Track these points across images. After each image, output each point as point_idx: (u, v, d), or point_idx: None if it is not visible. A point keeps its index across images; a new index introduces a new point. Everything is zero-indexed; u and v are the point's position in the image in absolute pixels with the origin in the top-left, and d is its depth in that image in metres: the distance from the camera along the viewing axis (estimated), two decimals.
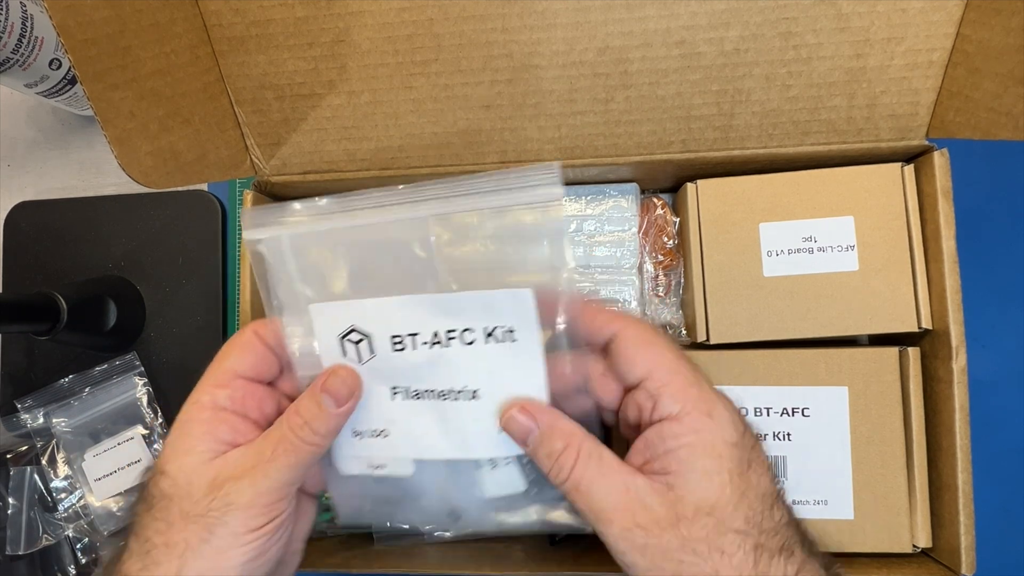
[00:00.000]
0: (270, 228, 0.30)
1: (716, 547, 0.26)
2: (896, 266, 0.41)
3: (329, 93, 0.42)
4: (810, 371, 0.41)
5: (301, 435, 0.29)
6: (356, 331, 0.30)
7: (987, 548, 0.40)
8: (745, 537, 0.26)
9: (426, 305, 0.29)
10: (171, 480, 0.29)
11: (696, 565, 0.26)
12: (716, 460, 0.27)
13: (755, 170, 0.43)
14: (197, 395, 0.30)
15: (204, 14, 0.40)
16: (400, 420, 0.31)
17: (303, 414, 0.29)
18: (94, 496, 0.52)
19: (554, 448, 0.28)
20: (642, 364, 0.28)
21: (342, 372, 0.30)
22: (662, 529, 0.26)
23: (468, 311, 0.28)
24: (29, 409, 0.53)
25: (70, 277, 0.56)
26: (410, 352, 0.29)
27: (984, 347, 0.50)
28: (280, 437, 0.29)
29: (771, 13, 0.38)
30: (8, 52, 0.47)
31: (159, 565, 0.28)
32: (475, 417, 0.30)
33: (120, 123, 0.34)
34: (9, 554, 0.52)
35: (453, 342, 0.29)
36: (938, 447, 0.40)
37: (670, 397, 0.28)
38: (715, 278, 0.43)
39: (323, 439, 0.29)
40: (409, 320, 0.29)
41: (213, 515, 0.28)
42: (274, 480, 0.28)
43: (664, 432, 0.28)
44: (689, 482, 0.27)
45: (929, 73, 0.39)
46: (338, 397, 0.30)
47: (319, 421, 0.29)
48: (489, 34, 0.39)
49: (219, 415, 0.30)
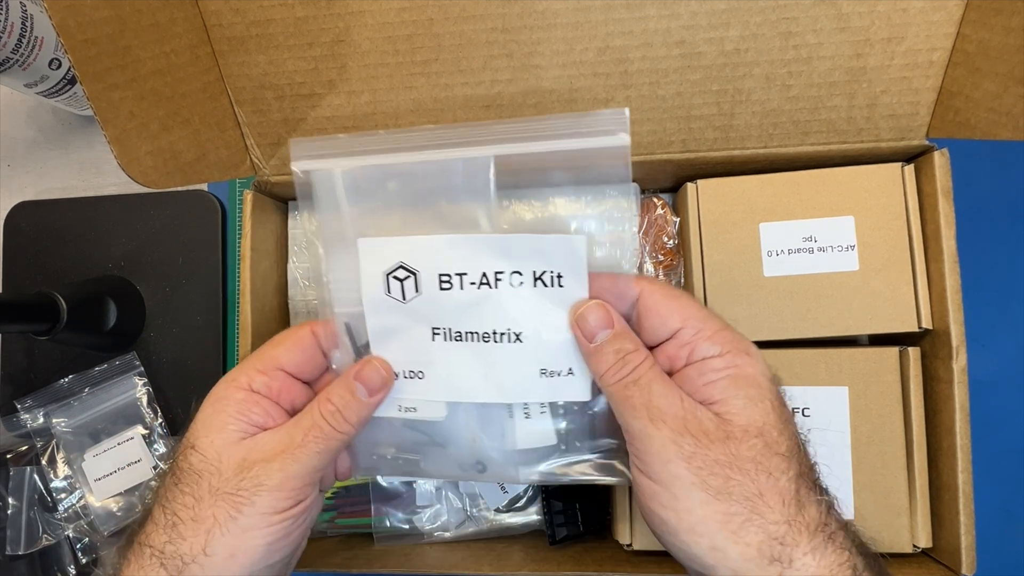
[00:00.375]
0: (322, 160, 0.29)
1: (763, 468, 0.26)
2: (896, 266, 0.41)
3: (329, 93, 0.42)
4: (810, 371, 0.41)
5: (333, 422, 0.29)
6: (404, 267, 0.30)
7: (987, 548, 0.40)
8: (789, 463, 0.27)
9: (478, 245, 0.29)
10: (201, 456, 0.29)
11: (742, 484, 0.26)
12: (758, 389, 0.28)
13: (755, 170, 0.43)
14: (236, 374, 0.31)
15: (204, 14, 0.40)
16: (439, 362, 0.30)
17: (335, 401, 0.30)
18: (94, 496, 0.52)
19: (625, 347, 0.29)
20: (674, 315, 0.29)
21: (376, 362, 0.31)
22: (711, 441, 0.27)
23: (520, 254, 0.28)
24: (29, 409, 0.53)
25: (70, 277, 0.56)
26: (457, 292, 0.29)
27: (984, 347, 0.50)
28: (311, 424, 0.30)
29: (771, 13, 0.38)
30: (8, 52, 0.47)
31: (185, 539, 0.28)
32: (516, 360, 0.30)
33: (120, 123, 0.34)
34: (9, 554, 0.52)
35: (501, 284, 0.29)
36: (938, 447, 0.40)
37: (707, 340, 0.28)
38: (715, 278, 0.43)
39: (353, 428, 0.30)
40: (459, 259, 0.29)
41: (243, 494, 0.28)
42: (304, 465, 0.29)
43: (704, 368, 0.28)
44: (735, 407, 0.27)
45: (929, 73, 0.39)
46: (372, 387, 0.30)
47: (351, 409, 0.30)
48: (489, 34, 0.39)
49: (253, 397, 0.30)
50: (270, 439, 0.30)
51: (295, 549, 0.31)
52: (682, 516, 0.27)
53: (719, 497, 0.26)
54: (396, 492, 0.47)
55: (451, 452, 0.33)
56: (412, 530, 0.47)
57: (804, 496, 0.27)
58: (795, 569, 0.26)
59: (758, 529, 0.26)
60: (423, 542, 0.47)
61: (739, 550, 0.26)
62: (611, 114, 0.27)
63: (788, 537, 0.26)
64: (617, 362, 0.28)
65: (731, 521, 0.26)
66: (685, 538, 0.27)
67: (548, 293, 0.29)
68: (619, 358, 0.28)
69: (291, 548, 0.31)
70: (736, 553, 0.26)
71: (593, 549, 0.44)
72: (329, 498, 0.47)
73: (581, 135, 0.27)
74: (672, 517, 0.27)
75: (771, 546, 0.26)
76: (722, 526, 0.26)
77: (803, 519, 0.26)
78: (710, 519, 0.26)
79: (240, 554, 0.28)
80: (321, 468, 0.30)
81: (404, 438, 0.33)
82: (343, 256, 0.30)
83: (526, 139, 0.28)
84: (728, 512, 0.26)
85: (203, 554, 0.28)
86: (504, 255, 0.29)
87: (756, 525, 0.26)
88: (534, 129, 0.28)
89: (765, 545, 0.26)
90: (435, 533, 0.47)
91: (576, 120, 0.27)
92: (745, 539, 0.26)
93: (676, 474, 0.27)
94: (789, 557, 0.26)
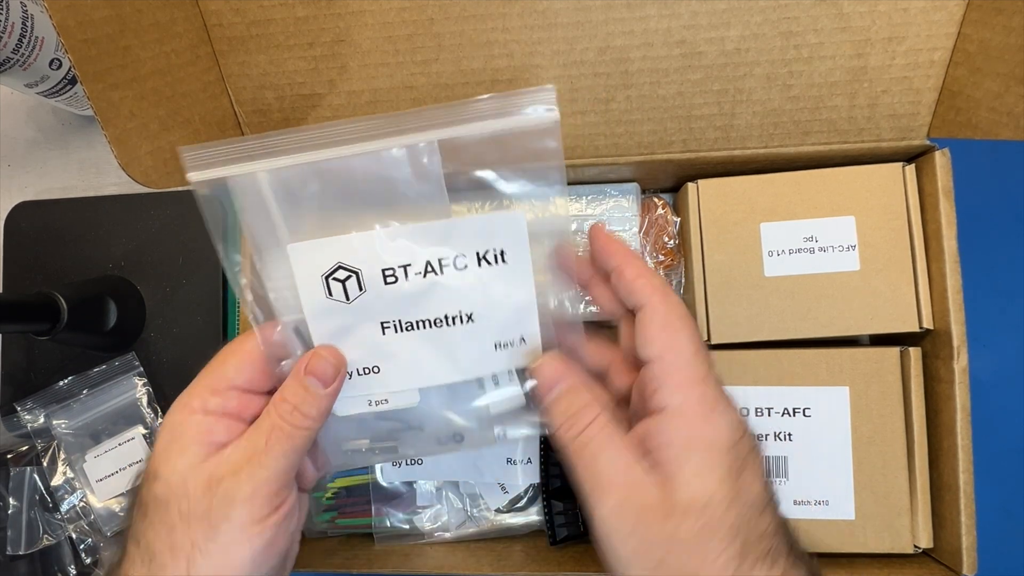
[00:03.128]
0: (235, 165, 0.28)
1: (702, 547, 0.26)
2: (897, 266, 0.41)
3: (329, 93, 0.42)
4: (811, 371, 0.41)
5: (292, 420, 0.29)
6: (343, 267, 0.29)
7: (988, 548, 0.40)
8: (732, 540, 0.26)
9: (419, 235, 0.29)
10: (165, 483, 0.28)
11: (679, 562, 0.26)
12: (710, 461, 0.27)
13: (756, 170, 0.43)
14: (187, 398, 0.30)
15: (204, 14, 0.40)
16: (396, 353, 0.30)
17: (290, 399, 0.29)
18: (96, 497, 0.52)
19: (574, 404, 0.29)
20: (656, 346, 0.28)
21: (323, 351, 0.30)
22: (653, 518, 0.26)
23: (461, 237, 0.29)
24: (29, 411, 0.53)
25: (70, 277, 0.56)
26: (403, 284, 0.29)
27: (985, 347, 0.50)
28: (271, 426, 0.29)
29: (772, 13, 0.38)
30: (8, 52, 0.47)
31: (165, 568, 0.27)
32: (472, 339, 0.30)
33: (120, 123, 0.34)
34: (9, 554, 0.52)
35: (447, 269, 0.29)
36: (939, 447, 0.40)
37: (672, 387, 0.28)
38: (716, 278, 0.43)
39: (314, 421, 0.29)
40: (401, 251, 0.29)
41: (216, 513, 0.27)
42: (271, 469, 0.28)
43: (663, 426, 0.27)
44: (682, 478, 0.27)
45: (930, 73, 0.39)
46: (324, 378, 0.29)
47: (308, 404, 0.29)
48: (490, 34, 0.39)
49: (210, 418, 0.29)
50: (232, 452, 0.29)
51: (285, 555, 0.31)
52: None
53: (656, 573, 0.26)
54: (396, 492, 0.47)
55: (428, 432, 0.33)
56: (412, 530, 0.47)
57: (747, 570, 0.26)
58: None
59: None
60: (423, 542, 0.47)
61: None
62: (537, 91, 0.27)
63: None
64: (566, 423, 0.28)
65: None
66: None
67: (493, 270, 0.29)
68: (567, 417, 0.28)
69: (279, 555, 0.30)
70: None
71: (593, 550, 0.44)
72: (329, 498, 0.47)
73: (507, 114, 0.27)
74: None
75: None
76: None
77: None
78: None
79: (226, 572, 0.27)
80: (291, 469, 0.29)
81: (378, 429, 0.33)
82: (279, 263, 0.29)
83: (456, 122, 0.27)
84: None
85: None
86: (446, 241, 0.29)
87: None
88: (460, 112, 0.27)
89: None
90: (435, 533, 0.47)
91: (503, 100, 0.27)
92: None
93: (614, 547, 0.27)
94: None
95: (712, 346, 0.43)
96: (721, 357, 0.42)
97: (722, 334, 0.43)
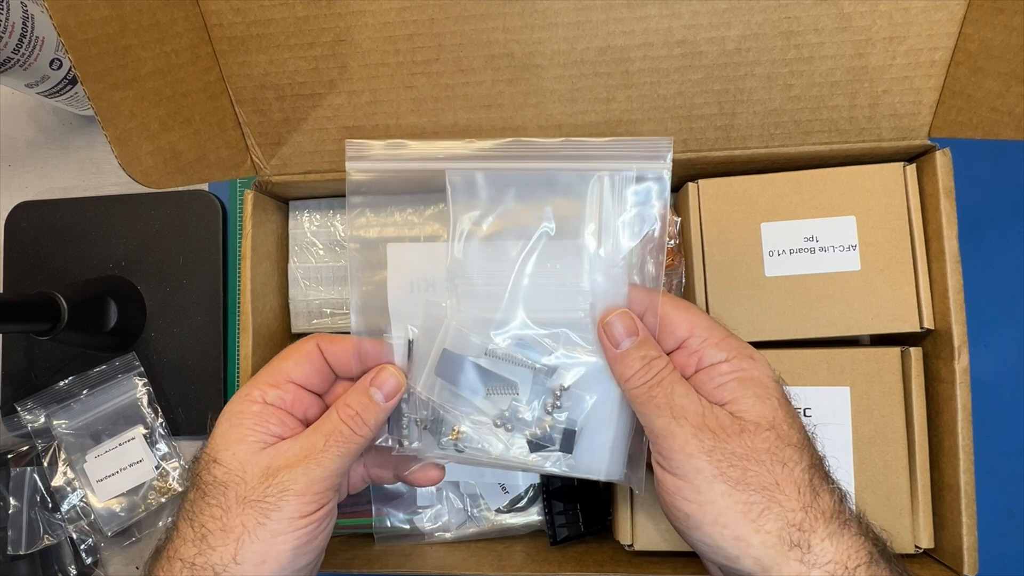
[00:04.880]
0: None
1: (777, 458, 0.28)
2: (898, 266, 0.41)
3: (330, 93, 0.42)
4: (812, 371, 0.41)
5: (353, 425, 0.31)
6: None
7: (989, 549, 0.40)
8: (801, 454, 0.29)
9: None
10: (225, 468, 0.30)
11: (759, 474, 0.28)
12: (765, 388, 0.30)
13: (757, 170, 0.43)
14: (248, 389, 0.32)
15: (205, 14, 0.40)
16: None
17: (354, 406, 0.32)
18: (97, 497, 0.52)
19: (650, 353, 0.31)
20: (682, 325, 0.32)
21: (391, 368, 0.33)
22: (728, 435, 0.28)
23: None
24: (30, 411, 0.53)
25: (71, 277, 0.56)
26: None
27: (986, 347, 0.50)
28: (332, 428, 0.31)
29: (772, 12, 0.38)
30: (9, 52, 0.47)
31: (215, 550, 0.29)
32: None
33: (121, 123, 0.34)
34: (10, 554, 0.52)
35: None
36: (940, 448, 0.40)
37: (714, 347, 0.31)
38: (716, 278, 0.43)
39: (371, 431, 0.32)
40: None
41: (269, 500, 0.29)
42: (326, 469, 0.30)
43: (713, 373, 0.30)
44: (745, 405, 0.29)
45: (931, 72, 0.39)
46: (387, 391, 0.32)
47: (369, 412, 0.32)
48: (490, 33, 0.39)
49: (268, 409, 0.32)
50: (291, 446, 0.31)
51: (318, 556, 0.32)
52: (705, 508, 0.28)
53: (738, 487, 0.28)
54: (397, 492, 0.47)
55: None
56: (413, 530, 0.47)
57: (817, 485, 0.28)
58: (814, 554, 0.27)
59: (777, 517, 0.27)
60: (424, 542, 0.47)
61: (760, 538, 0.27)
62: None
63: (806, 524, 0.27)
64: (643, 367, 0.31)
65: (751, 510, 0.27)
66: (709, 530, 0.28)
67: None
68: (644, 363, 0.31)
69: (315, 554, 0.31)
70: (758, 541, 0.27)
71: (594, 550, 0.44)
72: None
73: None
74: (696, 510, 0.28)
75: (790, 533, 0.27)
76: (743, 515, 0.27)
77: (818, 506, 0.27)
78: (731, 509, 0.28)
79: (270, 560, 0.29)
80: (342, 472, 0.31)
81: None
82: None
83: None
84: (748, 502, 0.28)
85: (233, 562, 0.29)
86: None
87: (775, 513, 0.27)
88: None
89: (784, 532, 0.27)
90: (436, 533, 0.47)
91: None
92: (765, 527, 0.27)
93: (698, 467, 0.28)
94: (808, 543, 0.27)
95: None
96: None
97: None
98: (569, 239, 0.33)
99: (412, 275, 0.34)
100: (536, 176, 0.33)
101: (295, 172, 0.45)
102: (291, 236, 0.49)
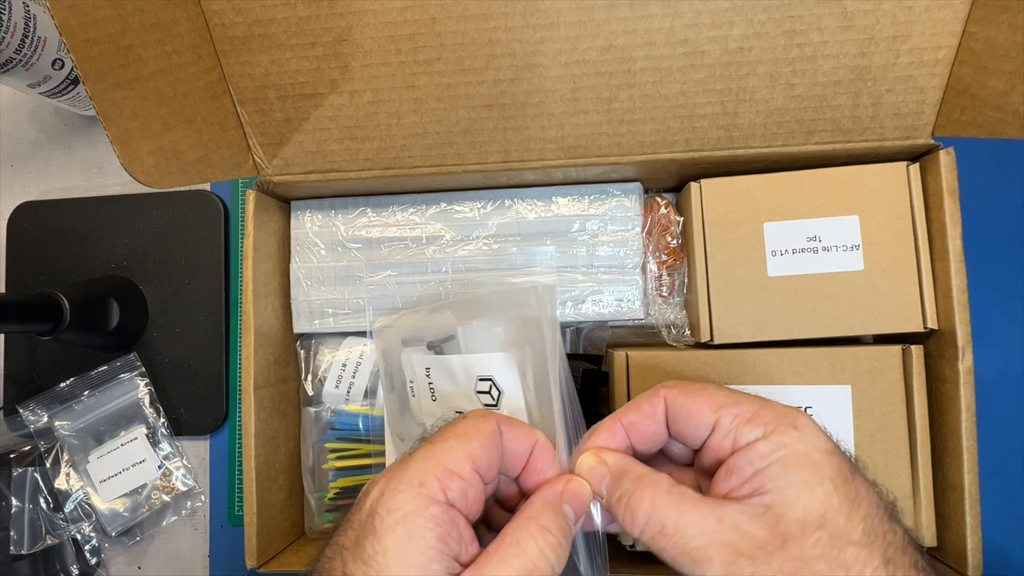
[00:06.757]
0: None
1: (838, 563, 0.23)
2: (901, 266, 0.41)
3: (331, 92, 0.42)
4: (812, 370, 0.41)
5: (555, 560, 0.25)
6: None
7: (993, 549, 0.40)
8: (870, 551, 0.23)
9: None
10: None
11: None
12: (813, 469, 0.24)
13: (759, 169, 0.43)
14: (423, 477, 0.25)
15: (206, 14, 0.40)
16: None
17: (556, 532, 0.25)
18: (100, 498, 0.52)
19: (625, 489, 0.26)
20: (704, 410, 0.26)
21: (580, 480, 0.28)
22: (769, 554, 0.23)
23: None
24: (32, 411, 0.53)
25: (73, 277, 0.56)
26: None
27: (990, 347, 0.50)
28: (531, 566, 0.24)
29: (775, 11, 0.38)
30: (11, 52, 0.47)
31: None
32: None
33: (122, 123, 0.34)
34: (12, 554, 0.52)
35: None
36: (944, 448, 0.40)
37: (747, 423, 0.25)
38: (719, 278, 0.43)
39: (562, 564, 0.26)
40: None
41: None
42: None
43: (751, 454, 0.25)
44: (788, 497, 0.24)
45: (935, 71, 0.39)
46: (578, 510, 0.27)
47: (568, 539, 0.26)
48: (492, 33, 0.39)
49: (449, 515, 0.25)
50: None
51: None
52: None
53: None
54: None
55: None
56: None
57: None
58: None
59: None
60: None
61: None
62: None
63: None
64: (626, 512, 0.26)
65: None
66: None
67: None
68: (624, 505, 0.26)
69: None
70: None
71: None
72: (332, 498, 0.47)
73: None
74: None
75: None
76: None
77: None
78: None
79: None
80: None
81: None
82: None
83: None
84: None
85: None
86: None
87: None
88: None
89: None
90: None
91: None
92: None
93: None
94: None
95: (715, 346, 0.43)
96: (723, 357, 0.41)
97: (725, 334, 0.42)
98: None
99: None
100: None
101: (297, 172, 0.45)
102: (293, 236, 0.49)
